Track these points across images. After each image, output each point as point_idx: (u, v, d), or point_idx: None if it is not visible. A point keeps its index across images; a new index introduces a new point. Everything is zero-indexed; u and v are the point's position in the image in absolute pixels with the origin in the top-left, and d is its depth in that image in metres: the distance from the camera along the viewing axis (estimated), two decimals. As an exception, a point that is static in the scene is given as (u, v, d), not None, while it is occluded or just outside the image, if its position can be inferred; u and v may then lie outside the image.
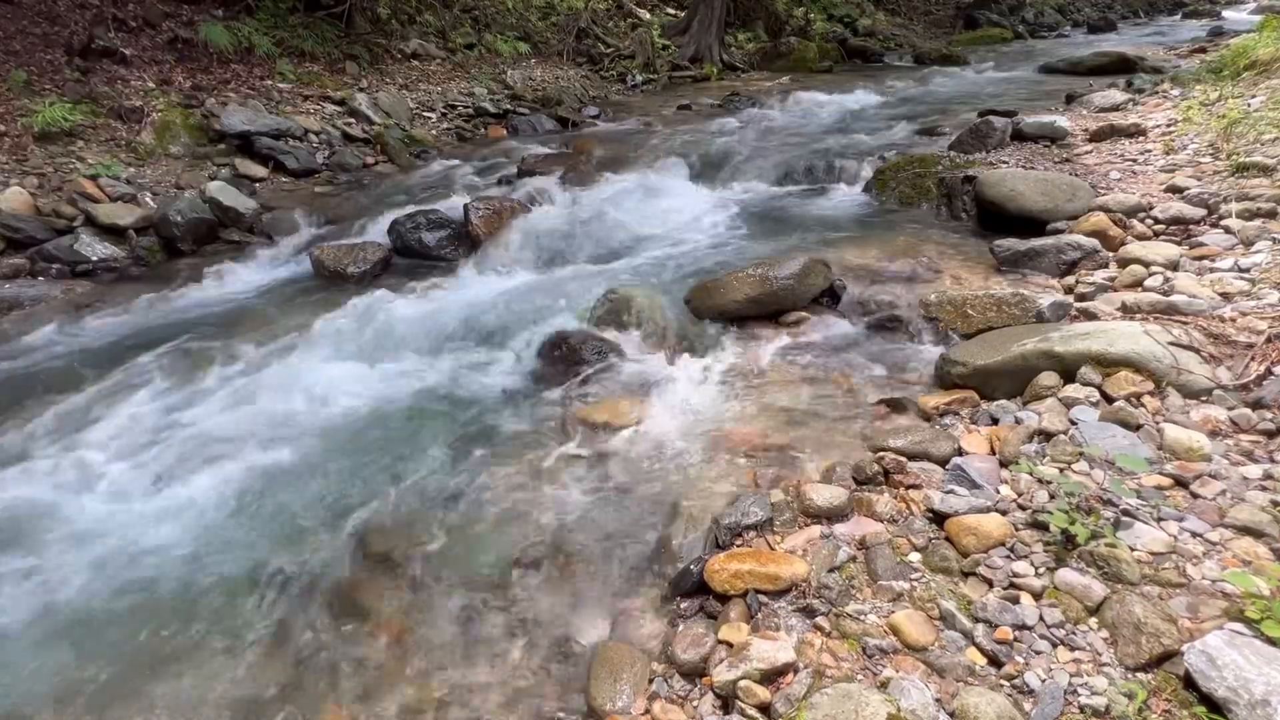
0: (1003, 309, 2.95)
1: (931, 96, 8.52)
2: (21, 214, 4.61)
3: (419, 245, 4.61)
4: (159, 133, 5.85)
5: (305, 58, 7.72)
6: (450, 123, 7.97)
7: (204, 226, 4.96)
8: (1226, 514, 1.78)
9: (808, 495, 2.10)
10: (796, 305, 3.37)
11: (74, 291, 4.28)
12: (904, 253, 3.79)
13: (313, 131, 6.68)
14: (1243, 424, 2.08)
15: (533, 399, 3.00)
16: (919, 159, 5.00)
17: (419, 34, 9.33)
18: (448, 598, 2.06)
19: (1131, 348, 2.34)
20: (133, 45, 6.54)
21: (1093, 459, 2.02)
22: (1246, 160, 3.72)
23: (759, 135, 6.79)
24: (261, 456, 2.67)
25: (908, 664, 1.57)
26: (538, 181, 5.48)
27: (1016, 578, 1.71)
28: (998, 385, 2.52)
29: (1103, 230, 3.43)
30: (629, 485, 2.42)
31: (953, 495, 2.00)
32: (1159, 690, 1.42)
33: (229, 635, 1.98)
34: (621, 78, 11.02)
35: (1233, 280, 2.80)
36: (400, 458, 2.65)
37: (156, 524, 2.36)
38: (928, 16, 17.89)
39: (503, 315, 3.61)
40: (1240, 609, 1.49)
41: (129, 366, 3.35)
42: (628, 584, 2.06)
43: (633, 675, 1.72)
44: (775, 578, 1.82)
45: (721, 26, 12.51)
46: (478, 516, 2.34)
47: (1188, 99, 5.34)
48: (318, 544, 2.26)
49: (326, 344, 3.46)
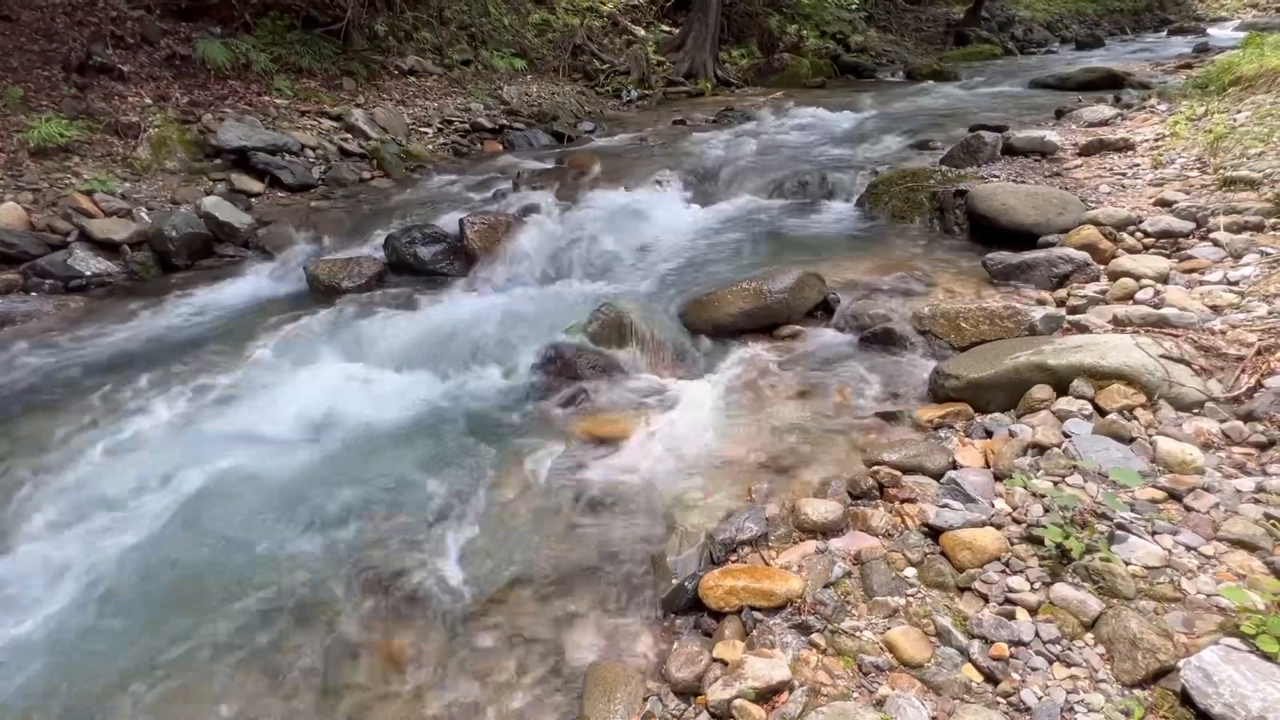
0: (995, 322, 2.97)
1: (923, 111, 8.62)
2: (15, 229, 4.61)
3: (414, 259, 4.61)
4: (155, 148, 5.86)
5: (302, 74, 7.77)
6: (446, 138, 8.02)
7: (199, 241, 4.96)
8: (1220, 527, 1.78)
9: (802, 510, 2.10)
10: (791, 319, 3.38)
11: (67, 307, 4.26)
12: (897, 266, 3.82)
13: (309, 147, 6.71)
14: (1235, 436, 2.09)
15: (527, 413, 2.99)
16: (911, 173, 5.04)
17: (416, 50, 9.41)
18: (440, 615, 2.04)
19: (1123, 360, 2.35)
20: (130, 62, 6.57)
21: (1086, 472, 2.02)
22: (1233, 174, 3.77)
23: (753, 150, 6.85)
24: (252, 471, 2.65)
25: (904, 681, 1.56)
26: (533, 196, 5.51)
27: (1012, 593, 1.70)
28: (991, 398, 2.53)
29: (1093, 243, 3.46)
30: (623, 500, 2.41)
31: (947, 509, 1.99)
32: (1155, 707, 1.41)
33: (213, 655, 1.95)
34: (617, 93, 11.12)
35: (1222, 293, 2.83)
36: (393, 472, 2.64)
37: (140, 538, 2.33)
38: (919, 33, 18.14)
39: (497, 329, 3.61)
40: (1236, 624, 1.49)
41: (120, 382, 3.32)
42: (622, 601, 2.04)
43: (627, 694, 1.70)
44: (770, 594, 1.81)
45: (716, 43, 12.66)
46: (469, 532, 2.32)
47: (1175, 114, 5.41)
48: (306, 561, 2.24)
49: (320, 358, 3.45)
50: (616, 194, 5.48)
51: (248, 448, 2.79)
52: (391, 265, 4.63)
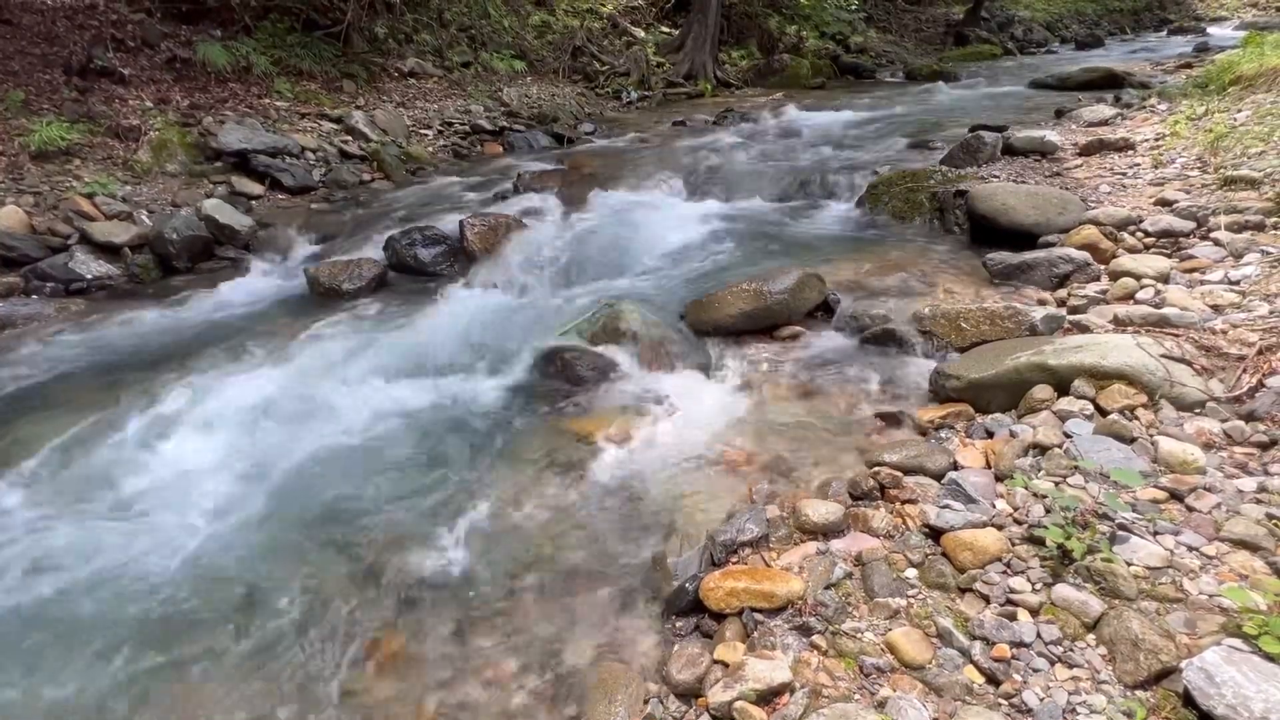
0: (996, 322, 2.96)
1: (922, 112, 8.62)
2: (16, 232, 4.61)
3: (414, 261, 4.62)
4: (156, 151, 5.87)
5: (303, 76, 7.78)
6: (447, 140, 8.03)
7: (199, 244, 4.97)
8: (1222, 527, 1.78)
9: (803, 511, 2.09)
10: (791, 319, 3.38)
11: (68, 310, 4.27)
12: (897, 266, 3.81)
13: (309, 149, 6.71)
14: (1236, 436, 2.08)
15: (527, 415, 2.99)
16: (911, 174, 5.04)
17: (416, 53, 9.42)
18: (441, 616, 2.03)
19: (1124, 360, 2.34)
20: (131, 65, 6.58)
21: (1088, 472, 2.02)
22: (1234, 173, 3.76)
23: (753, 151, 6.85)
24: (251, 473, 2.65)
25: (905, 683, 1.56)
26: (533, 198, 5.51)
27: (1013, 594, 1.70)
28: (992, 398, 2.53)
29: (1094, 243, 3.46)
30: (623, 501, 2.40)
31: (949, 510, 1.99)
32: (1158, 708, 1.41)
33: (212, 657, 1.95)
34: (617, 94, 11.13)
35: (1223, 292, 2.82)
36: (393, 474, 2.64)
37: (141, 543, 2.33)
38: (918, 34, 18.15)
39: (498, 331, 3.61)
40: (1238, 624, 1.48)
41: (120, 385, 3.32)
42: (623, 602, 2.04)
43: (627, 696, 1.70)
44: (771, 595, 1.81)
45: (715, 44, 12.67)
46: (470, 533, 2.32)
47: (1175, 113, 5.41)
48: (306, 561, 2.24)
49: (320, 361, 3.45)
50: (617, 195, 5.48)
51: (246, 448, 2.79)
52: (392, 267, 4.64)
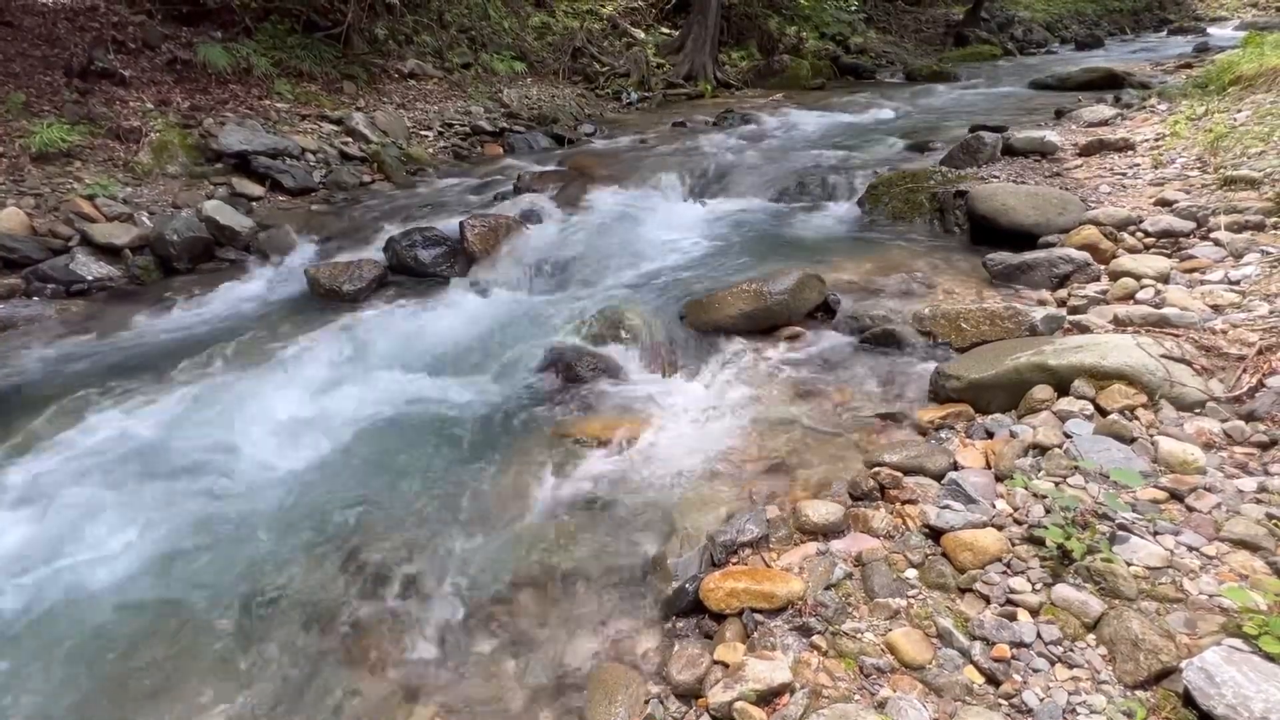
0: (996, 322, 2.97)
1: (922, 112, 8.63)
2: (17, 234, 4.62)
3: (415, 262, 4.62)
4: (156, 152, 5.88)
5: (303, 78, 7.79)
6: (447, 141, 8.03)
7: (200, 245, 4.97)
8: (1222, 527, 1.78)
9: (803, 511, 2.09)
10: (791, 320, 3.38)
11: (69, 311, 4.27)
12: (897, 267, 3.82)
13: (310, 150, 6.72)
14: (1236, 436, 2.08)
15: (527, 415, 2.99)
16: (911, 174, 5.04)
17: (416, 54, 9.43)
18: (441, 618, 2.04)
19: (1124, 361, 2.34)
20: (132, 67, 6.59)
21: (1088, 472, 2.02)
22: (1234, 173, 3.76)
23: (753, 152, 6.85)
24: (249, 476, 2.65)
25: (905, 683, 1.56)
26: (534, 199, 5.51)
27: (1013, 594, 1.70)
28: (992, 399, 2.53)
29: (1094, 243, 3.46)
30: (624, 501, 2.40)
31: (949, 510, 1.99)
32: (1158, 708, 1.41)
33: (213, 661, 1.95)
34: (617, 95, 11.13)
35: (1223, 292, 2.82)
36: (393, 475, 2.64)
37: (137, 544, 2.34)
38: (918, 34, 18.15)
39: (498, 332, 3.61)
40: (1238, 624, 1.48)
41: (120, 384, 3.33)
42: (623, 603, 2.04)
43: (628, 697, 1.70)
44: (771, 596, 1.81)
45: (715, 45, 12.68)
46: (470, 534, 2.32)
47: (1175, 114, 5.41)
48: (306, 564, 2.24)
49: (320, 362, 3.46)
50: (617, 196, 5.48)
51: (245, 449, 2.79)
52: (392, 268, 4.64)
